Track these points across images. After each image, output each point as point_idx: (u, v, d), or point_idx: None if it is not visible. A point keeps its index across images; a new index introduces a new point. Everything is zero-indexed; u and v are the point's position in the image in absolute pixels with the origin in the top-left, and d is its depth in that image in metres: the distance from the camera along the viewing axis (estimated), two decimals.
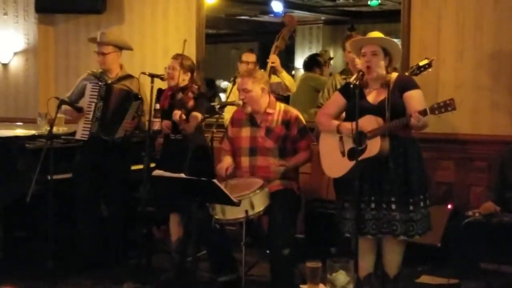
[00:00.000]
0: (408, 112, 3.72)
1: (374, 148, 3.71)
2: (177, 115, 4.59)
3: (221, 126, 5.08)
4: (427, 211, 3.88)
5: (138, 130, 4.95)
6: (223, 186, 3.77)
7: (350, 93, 3.76)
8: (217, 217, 4.05)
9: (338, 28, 9.23)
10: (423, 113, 3.59)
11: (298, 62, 8.93)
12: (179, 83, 4.75)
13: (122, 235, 5.00)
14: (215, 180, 3.64)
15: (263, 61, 5.34)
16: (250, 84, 4.29)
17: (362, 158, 3.71)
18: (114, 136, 4.80)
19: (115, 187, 4.92)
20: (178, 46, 5.00)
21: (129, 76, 5.01)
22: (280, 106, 4.42)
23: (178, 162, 4.02)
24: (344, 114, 4.03)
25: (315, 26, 9.40)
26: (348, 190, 3.84)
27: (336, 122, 3.93)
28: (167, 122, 4.71)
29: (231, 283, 4.30)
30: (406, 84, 3.84)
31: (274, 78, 5.17)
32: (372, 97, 3.89)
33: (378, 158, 3.73)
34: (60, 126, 5.25)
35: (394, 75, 3.89)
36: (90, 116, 4.82)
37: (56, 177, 4.50)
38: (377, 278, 4.05)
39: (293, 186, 4.34)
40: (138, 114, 4.82)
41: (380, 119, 3.74)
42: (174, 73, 4.72)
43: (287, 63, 7.91)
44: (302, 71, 7.42)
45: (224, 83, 8.51)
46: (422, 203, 3.84)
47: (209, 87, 7.15)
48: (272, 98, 4.43)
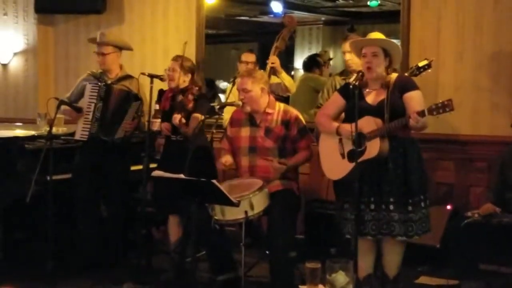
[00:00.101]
0: (407, 113, 3.72)
1: (373, 149, 3.71)
2: (177, 119, 4.58)
3: (220, 126, 5.08)
4: (427, 212, 3.88)
5: (137, 130, 4.95)
6: (223, 186, 3.78)
7: (350, 93, 3.76)
8: (216, 217, 4.04)
9: (337, 28, 9.22)
10: (421, 114, 3.59)
11: (298, 62, 8.92)
12: (180, 85, 4.75)
13: (122, 236, 4.99)
14: (215, 180, 3.64)
15: (263, 61, 5.34)
16: (250, 84, 4.29)
17: (361, 159, 3.71)
18: (113, 136, 4.79)
19: (115, 188, 4.91)
20: (178, 47, 5.01)
21: (128, 76, 5.00)
22: (279, 106, 4.42)
23: (179, 163, 4.01)
24: (343, 114, 4.03)
25: (315, 27, 9.39)
26: (347, 191, 3.84)
27: (335, 124, 3.93)
28: (167, 124, 4.70)
29: (231, 284, 4.30)
30: (406, 85, 3.84)
31: (273, 79, 5.16)
32: (371, 97, 3.88)
33: (377, 159, 3.73)
34: (59, 127, 5.24)
35: (394, 76, 3.88)
36: (89, 116, 4.81)
37: (55, 177, 4.50)
38: (376, 278, 4.06)
39: (292, 187, 4.34)
40: (138, 115, 4.82)
41: (379, 120, 3.74)
42: (175, 74, 4.71)
43: (287, 64, 7.90)
44: (301, 72, 7.42)
45: (223, 84, 8.50)
46: (423, 203, 3.84)
47: (209, 88, 7.14)
48: (271, 98, 4.43)
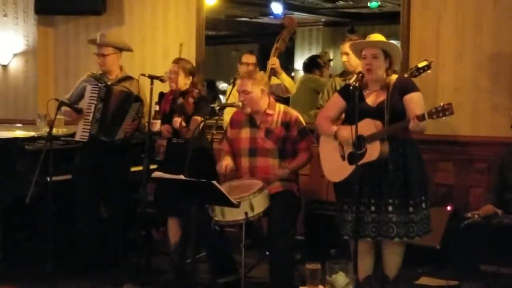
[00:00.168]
0: (408, 115, 3.72)
1: (374, 152, 3.71)
2: (177, 123, 4.59)
3: (220, 127, 5.08)
4: (428, 213, 3.88)
5: (138, 131, 4.95)
6: (223, 187, 3.77)
7: (350, 94, 3.75)
8: (216, 218, 4.04)
9: (338, 29, 9.24)
10: (421, 118, 3.58)
11: (298, 63, 8.94)
12: (181, 87, 4.76)
13: (122, 236, 4.99)
14: (215, 181, 3.64)
15: (263, 62, 5.34)
16: (250, 85, 4.29)
17: (362, 162, 3.70)
18: (114, 137, 4.79)
19: (115, 189, 4.91)
20: (178, 48, 5.01)
21: (129, 77, 5.00)
22: (280, 107, 4.42)
23: (181, 165, 4.00)
24: (344, 115, 4.03)
25: (315, 28, 9.40)
26: (348, 192, 3.84)
27: (334, 128, 3.92)
28: (167, 126, 4.71)
29: (231, 285, 4.29)
30: (406, 86, 3.84)
31: (274, 80, 5.17)
32: (371, 99, 3.88)
33: (378, 161, 3.73)
34: (59, 128, 5.24)
35: (394, 77, 3.88)
36: (89, 117, 4.81)
37: (55, 178, 4.50)
38: (376, 279, 4.06)
39: (293, 188, 4.33)
40: (138, 116, 4.82)
41: (378, 123, 3.74)
42: (176, 77, 4.72)
43: (287, 65, 7.91)
44: (301, 73, 7.42)
45: (223, 85, 8.51)
46: (424, 204, 3.85)
47: (209, 89, 7.15)
48: (271, 99, 4.43)
